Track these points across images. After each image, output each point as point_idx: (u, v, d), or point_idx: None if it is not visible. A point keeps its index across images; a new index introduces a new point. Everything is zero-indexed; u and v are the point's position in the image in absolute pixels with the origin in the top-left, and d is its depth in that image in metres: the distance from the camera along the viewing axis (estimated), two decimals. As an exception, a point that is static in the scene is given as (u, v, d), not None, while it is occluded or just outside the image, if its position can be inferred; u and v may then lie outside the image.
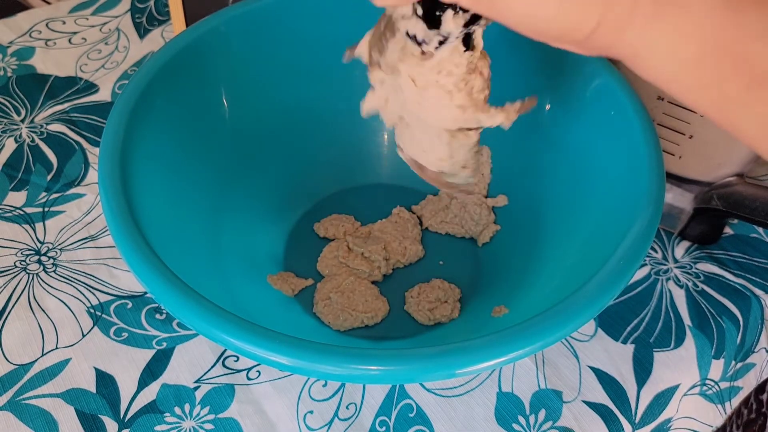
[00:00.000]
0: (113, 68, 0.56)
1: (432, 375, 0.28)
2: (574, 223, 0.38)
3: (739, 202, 0.41)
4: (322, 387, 0.38)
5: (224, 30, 0.41)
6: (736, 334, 0.42)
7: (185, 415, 0.36)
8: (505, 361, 0.27)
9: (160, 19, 0.61)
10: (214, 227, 0.39)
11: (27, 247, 0.44)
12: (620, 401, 0.38)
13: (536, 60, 0.41)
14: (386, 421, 0.37)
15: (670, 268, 0.44)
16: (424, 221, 0.45)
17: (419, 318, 0.40)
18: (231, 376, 0.38)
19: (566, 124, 0.40)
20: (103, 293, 0.41)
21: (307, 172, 0.46)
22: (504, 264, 0.42)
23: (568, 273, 0.34)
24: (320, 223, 0.45)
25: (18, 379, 0.37)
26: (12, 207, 0.46)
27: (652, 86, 0.40)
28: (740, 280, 0.44)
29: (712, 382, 0.41)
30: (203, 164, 0.40)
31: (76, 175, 0.48)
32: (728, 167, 0.41)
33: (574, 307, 0.28)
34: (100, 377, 0.38)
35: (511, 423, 0.37)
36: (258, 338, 0.27)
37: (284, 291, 0.40)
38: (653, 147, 0.34)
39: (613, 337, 0.41)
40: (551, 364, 0.39)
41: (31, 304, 0.41)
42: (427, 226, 0.45)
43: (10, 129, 0.51)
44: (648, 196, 0.32)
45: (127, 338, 0.39)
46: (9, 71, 0.55)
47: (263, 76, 0.43)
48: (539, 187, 0.42)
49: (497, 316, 0.37)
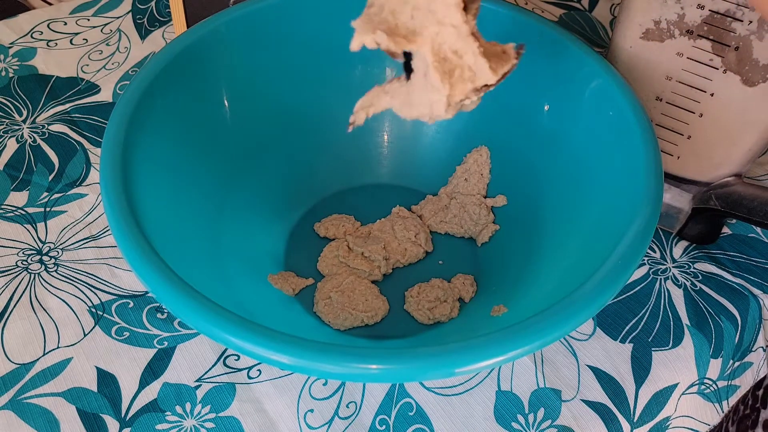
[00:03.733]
0: (114, 69, 0.56)
1: (431, 374, 0.28)
2: (573, 223, 0.38)
3: (738, 202, 0.41)
4: (322, 386, 0.38)
5: (225, 31, 0.41)
6: (734, 333, 0.42)
7: (186, 414, 0.37)
8: (504, 360, 0.27)
9: (161, 20, 0.61)
10: (214, 227, 0.40)
11: (28, 247, 0.44)
12: (619, 400, 0.38)
13: (535, 60, 0.41)
14: (386, 419, 0.37)
15: (669, 268, 0.45)
16: (423, 221, 0.45)
17: (419, 317, 0.40)
18: (232, 375, 0.38)
19: (565, 124, 0.41)
20: (105, 293, 0.42)
21: (307, 173, 0.46)
22: (503, 263, 0.42)
23: (566, 272, 0.34)
24: (320, 223, 0.45)
25: (19, 378, 0.38)
26: (14, 207, 0.46)
27: (651, 87, 0.40)
28: (738, 279, 0.44)
29: (710, 381, 0.42)
30: (204, 164, 0.40)
31: (77, 175, 0.48)
32: (726, 167, 0.42)
33: (572, 307, 0.29)
34: (101, 376, 0.38)
35: (510, 422, 0.37)
36: (259, 337, 0.27)
37: (285, 290, 0.40)
38: (651, 147, 0.34)
39: (611, 337, 0.41)
40: (550, 363, 0.39)
41: (32, 303, 0.41)
42: (427, 225, 0.45)
43: (12, 129, 0.51)
44: (646, 195, 0.33)
45: (129, 337, 0.40)
46: (10, 72, 0.56)
47: (264, 77, 0.43)
48: (538, 187, 0.42)
49: (496, 316, 0.37)
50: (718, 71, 0.37)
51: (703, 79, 0.38)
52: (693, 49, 0.38)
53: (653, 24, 0.38)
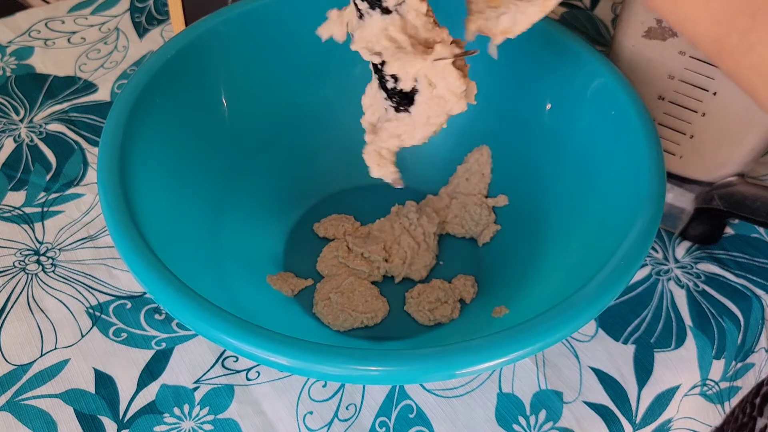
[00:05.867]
0: (112, 68, 0.56)
1: (432, 376, 0.27)
2: (575, 223, 0.38)
3: (740, 202, 0.41)
4: (321, 387, 0.38)
5: (223, 29, 0.41)
6: (737, 334, 0.42)
7: (184, 415, 0.36)
8: (505, 361, 0.27)
9: (160, 18, 0.61)
10: (213, 227, 0.39)
11: (26, 247, 0.43)
12: (621, 402, 0.38)
13: (536, 60, 0.41)
14: (386, 421, 0.37)
15: (671, 269, 0.44)
16: (431, 219, 0.45)
17: (419, 318, 0.40)
18: (230, 377, 0.38)
19: (567, 123, 0.40)
20: (103, 293, 0.41)
21: (306, 172, 0.46)
22: (504, 264, 0.42)
23: (568, 273, 0.34)
24: (320, 223, 0.44)
25: (17, 379, 0.37)
26: (11, 207, 0.46)
27: (653, 86, 0.40)
28: (741, 280, 0.44)
29: (713, 383, 0.41)
30: (202, 164, 0.40)
31: (75, 174, 0.48)
32: (729, 167, 0.41)
33: (574, 308, 0.28)
34: (99, 378, 0.38)
35: (511, 424, 0.37)
36: (257, 339, 0.27)
37: (284, 291, 0.40)
38: (654, 147, 0.34)
39: (613, 338, 0.41)
40: (552, 365, 0.39)
41: (30, 304, 0.41)
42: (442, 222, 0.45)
43: (9, 129, 0.51)
44: (649, 196, 0.32)
45: (127, 338, 0.39)
46: (8, 71, 0.55)
47: (262, 76, 0.43)
48: (540, 187, 0.42)
49: (497, 317, 0.37)
50: (720, 70, 0.37)
51: (705, 77, 0.38)
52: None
53: (655, 22, 0.38)
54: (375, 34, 0.29)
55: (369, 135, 0.33)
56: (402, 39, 0.29)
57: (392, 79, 0.30)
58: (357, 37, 0.30)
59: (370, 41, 0.29)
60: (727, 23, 0.22)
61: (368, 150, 0.32)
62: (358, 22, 0.29)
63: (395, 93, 0.30)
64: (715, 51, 0.23)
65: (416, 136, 0.31)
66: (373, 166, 0.32)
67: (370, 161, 0.32)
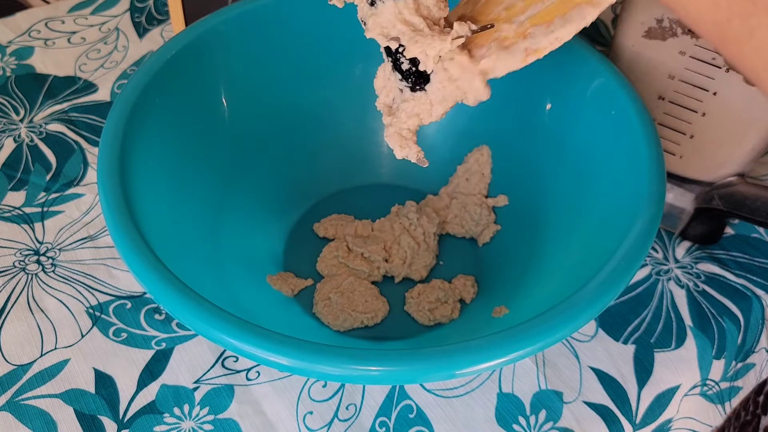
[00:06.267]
0: (112, 68, 0.56)
1: (432, 376, 0.27)
2: (575, 223, 0.38)
3: (740, 202, 0.41)
4: (321, 387, 0.38)
5: (223, 29, 0.41)
6: (737, 334, 0.42)
7: (184, 415, 0.36)
8: (505, 361, 0.27)
9: (160, 18, 0.61)
10: (213, 227, 0.39)
11: (26, 247, 0.43)
12: (621, 402, 0.38)
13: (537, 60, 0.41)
14: (386, 421, 0.37)
15: (671, 269, 0.44)
16: (431, 219, 0.45)
17: (419, 318, 0.40)
18: (230, 377, 0.38)
19: (567, 123, 0.40)
20: (103, 293, 0.41)
21: (306, 172, 0.46)
22: (504, 264, 0.42)
23: (568, 273, 0.34)
24: (320, 223, 0.44)
25: (17, 379, 0.37)
26: (11, 207, 0.46)
27: (653, 86, 0.40)
28: (741, 280, 0.44)
29: (713, 383, 0.41)
30: (202, 164, 0.40)
31: (75, 174, 0.48)
32: (729, 167, 0.41)
33: (574, 308, 0.28)
34: (99, 378, 0.38)
35: (511, 424, 0.37)
36: (257, 339, 0.27)
37: (284, 291, 0.40)
38: (654, 147, 0.34)
39: (613, 338, 0.41)
40: (552, 365, 0.39)
41: (30, 304, 0.41)
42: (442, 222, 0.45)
43: (9, 129, 0.51)
44: (649, 196, 0.32)
45: (127, 338, 0.39)
46: (8, 71, 0.55)
47: (262, 76, 0.43)
48: (540, 187, 0.42)
49: (497, 317, 0.37)
50: (720, 70, 0.37)
51: (705, 77, 0.38)
52: (695, 47, 0.37)
53: (656, 22, 0.38)
54: (389, 20, 0.29)
55: (386, 117, 0.32)
56: (417, 21, 0.29)
57: (408, 62, 0.30)
58: (371, 25, 0.29)
59: (386, 27, 0.29)
60: (727, 8, 0.22)
61: (389, 132, 0.32)
62: (370, 9, 0.29)
63: (411, 74, 0.30)
64: (717, 37, 0.23)
65: (434, 113, 0.31)
66: (396, 147, 0.32)
67: (393, 143, 0.32)
